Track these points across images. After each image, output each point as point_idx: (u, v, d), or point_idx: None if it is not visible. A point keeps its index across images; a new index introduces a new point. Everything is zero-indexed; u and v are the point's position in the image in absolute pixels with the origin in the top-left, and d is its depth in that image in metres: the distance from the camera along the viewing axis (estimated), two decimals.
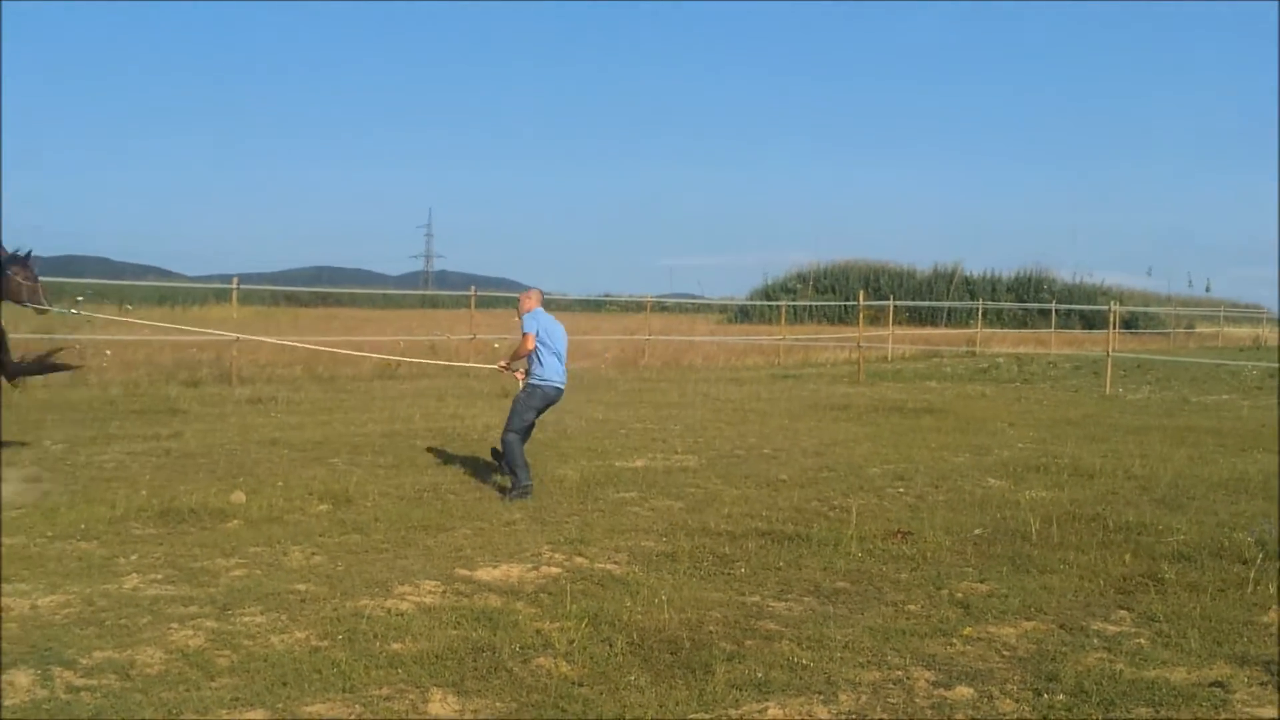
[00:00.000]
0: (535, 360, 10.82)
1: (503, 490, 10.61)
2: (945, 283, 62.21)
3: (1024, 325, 53.92)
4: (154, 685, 5.41)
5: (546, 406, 11.01)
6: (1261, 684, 5.70)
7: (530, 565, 7.85)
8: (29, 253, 12.42)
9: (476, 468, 11.82)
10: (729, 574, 7.78)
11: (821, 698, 5.42)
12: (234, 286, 25.43)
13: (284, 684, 5.46)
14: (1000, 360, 34.76)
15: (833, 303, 52.32)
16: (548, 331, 10.89)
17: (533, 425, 11.09)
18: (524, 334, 10.85)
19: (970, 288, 61.74)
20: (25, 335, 19.86)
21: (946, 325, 52.28)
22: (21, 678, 5.41)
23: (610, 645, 6.14)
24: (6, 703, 5.14)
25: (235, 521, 9.02)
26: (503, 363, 12.23)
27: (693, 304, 55.02)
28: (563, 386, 11.03)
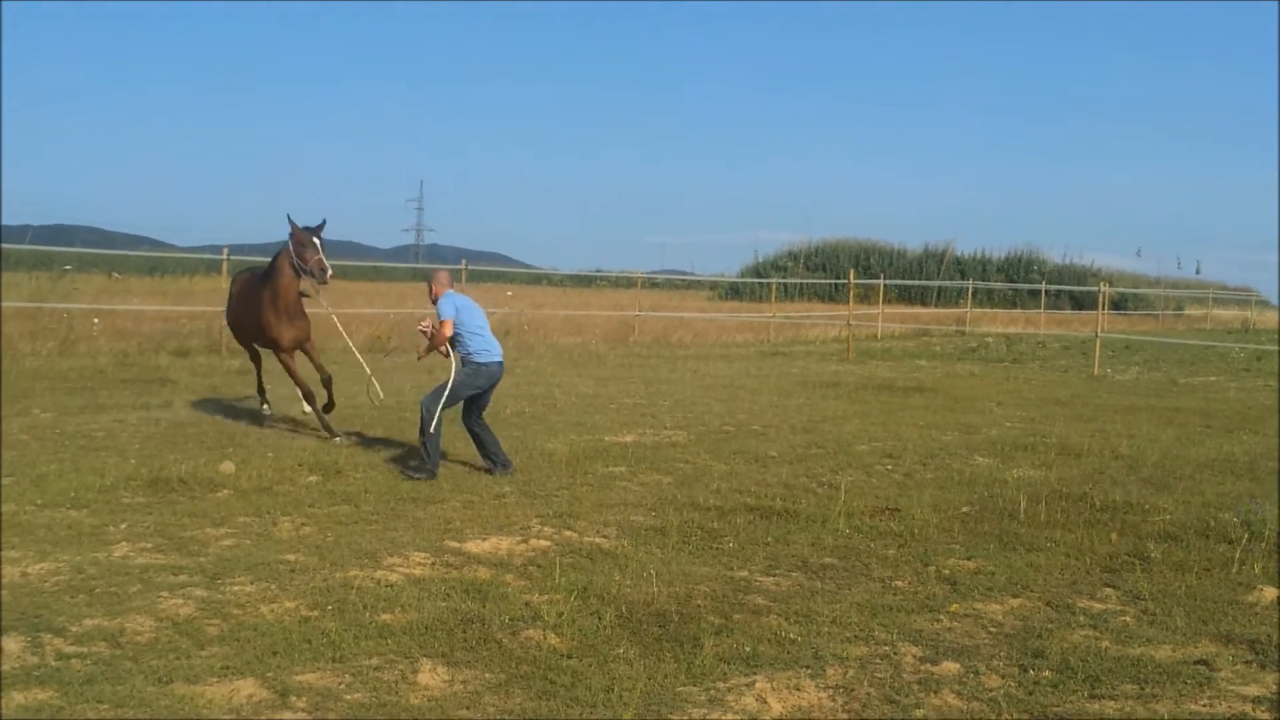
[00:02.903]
0: (465, 340, 10.31)
1: (409, 467, 10.34)
2: (936, 262, 62.13)
3: (1014, 305, 53.85)
4: (144, 653, 5.43)
5: (491, 385, 10.53)
6: (1246, 663, 5.74)
7: (519, 538, 7.87)
8: (322, 223, 11.79)
9: (465, 441, 11.81)
10: (717, 549, 7.81)
11: (809, 672, 5.45)
12: (224, 257, 25.34)
13: (274, 653, 5.48)
14: (989, 340, 34.81)
15: (823, 281, 52.30)
16: (467, 311, 10.39)
17: (483, 408, 10.63)
18: (440, 320, 10.31)
19: (961, 267, 61.70)
20: (17, 304, 19.86)
21: (936, 304, 52.24)
22: (12, 644, 5.42)
23: (599, 618, 6.17)
24: None
25: (225, 491, 9.02)
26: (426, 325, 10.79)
27: (683, 280, 55.05)
28: (502, 361, 10.55)
